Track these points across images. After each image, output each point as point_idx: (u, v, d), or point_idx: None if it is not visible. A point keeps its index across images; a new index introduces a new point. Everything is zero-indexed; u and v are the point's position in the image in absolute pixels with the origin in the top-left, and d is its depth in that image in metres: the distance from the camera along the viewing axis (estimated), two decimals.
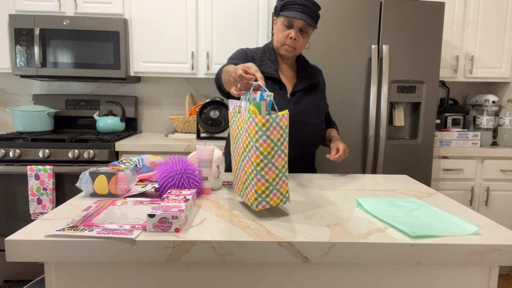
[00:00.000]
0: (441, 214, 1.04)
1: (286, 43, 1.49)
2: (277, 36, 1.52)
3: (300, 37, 1.49)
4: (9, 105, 2.95)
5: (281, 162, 0.99)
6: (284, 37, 1.49)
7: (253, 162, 0.96)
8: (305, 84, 1.57)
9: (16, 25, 2.45)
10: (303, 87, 1.58)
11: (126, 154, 2.38)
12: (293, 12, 1.42)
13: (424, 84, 2.38)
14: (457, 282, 0.91)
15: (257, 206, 0.99)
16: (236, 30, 2.63)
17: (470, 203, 2.57)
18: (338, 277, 0.90)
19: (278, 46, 1.53)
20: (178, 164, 1.17)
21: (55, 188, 2.28)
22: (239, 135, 1.05)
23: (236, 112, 1.09)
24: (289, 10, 1.44)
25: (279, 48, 1.53)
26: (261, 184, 0.97)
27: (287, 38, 1.48)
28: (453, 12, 2.64)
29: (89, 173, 1.17)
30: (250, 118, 0.96)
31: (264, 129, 0.94)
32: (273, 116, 0.95)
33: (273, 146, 0.96)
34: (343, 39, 2.31)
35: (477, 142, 2.59)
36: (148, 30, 2.60)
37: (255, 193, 0.97)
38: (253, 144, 0.96)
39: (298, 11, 1.42)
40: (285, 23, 1.47)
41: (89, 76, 2.54)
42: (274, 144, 0.96)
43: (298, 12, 1.42)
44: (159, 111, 3.04)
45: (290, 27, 1.47)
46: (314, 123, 1.56)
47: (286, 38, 1.48)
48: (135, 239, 0.84)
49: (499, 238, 0.90)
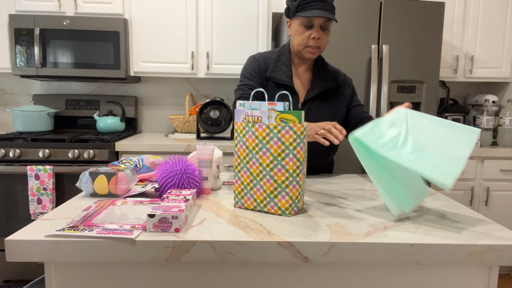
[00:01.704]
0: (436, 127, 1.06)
1: (309, 45, 1.41)
2: (297, 39, 1.43)
3: (323, 35, 1.41)
4: (9, 105, 2.95)
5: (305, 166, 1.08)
6: (306, 39, 1.41)
7: (288, 170, 1.02)
8: (319, 90, 1.50)
9: (16, 25, 2.45)
10: (316, 94, 1.50)
11: (126, 154, 2.38)
12: (312, 11, 1.34)
13: (424, 84, 2.38)
14: (457, 282, 0.91)
15: (290, 213, 1.03)
16: (236, 30, 2.63)
17: (470, 203, 2.57)
18: (338, 277, 0.90)
19: (300, 49, 1.44)
20: (178, 164, 1.17)
21: (55, 188, 2.28)
22: (260, 145, 1.05)
23: (250, 122, 1.08)
24: (306, 10, 1.35)
25: (302, 51, 1.45)
26: (296, 190, 1.03)
27: (309, 39, 1.40)
28: (453, 12, 2.64)
29: (89, 173, 1.17)
30: (286, 127, 1.02)
31: (302, 137, 1.01)
32: (305, 124, 1.02)
33: (304, 152, 1.04)
34: (343, 39, 2.31)
35: (477, 142, 2.59)
36: (148, 30, 2.60)
37: (289, 200, 1.03)
38: (290, 152, 1.01)
39: (317, 8, 1.34)
40: (304, 24, 1.38)
41: (89, 76, 2.54)
42: (304, 151, 1.03)
43: (317, 10, 1.34)
44: (159, 111, 3.04)
45: (310, 27, 1.39)
46: None
47: (309, 39, 1.40)
48: (135, 239, 0.84)
49: (499, 238, 0.90)
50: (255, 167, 1.06)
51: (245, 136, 1.08)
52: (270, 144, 1.04)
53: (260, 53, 1.56)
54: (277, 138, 1.03)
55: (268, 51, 1.58)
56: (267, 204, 1.05)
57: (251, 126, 1.07)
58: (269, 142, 1.04)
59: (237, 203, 1.10)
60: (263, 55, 1.54)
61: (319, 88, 1.51)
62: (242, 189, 1.09)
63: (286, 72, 1.48)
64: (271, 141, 1.04)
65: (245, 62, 1.56)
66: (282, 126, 1.02)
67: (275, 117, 1.06)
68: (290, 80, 1.48)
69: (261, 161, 1.05)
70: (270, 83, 1.51)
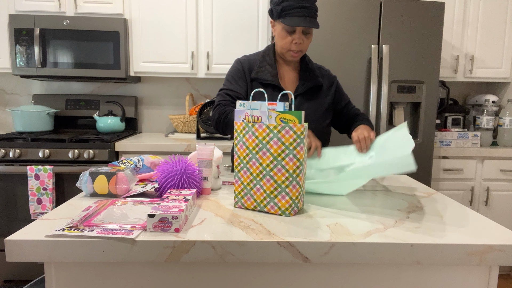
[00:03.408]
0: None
1: (292, 49, 1.45)
2: (280, 42, 1.47)
3: (304, 39, 1.44)
4: (9, 105, 2.95)
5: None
6: (288, 43, 1.44)
7: (288, 170, 1.02)
8: (306, 87, 1.53)
9: (16, 25, 2.45)
10: (304, 90, 1.53)
11: (126, 154, 2.38)
12: (294, 19, 1.36)
13: (424, 84, 2.38)
14: (457, 282, 0.91)
15: (290, 213, 1.03)
16: (236, 30, 2.63)
17: (470, 203, 2.57)
18: (338, 277, 0.90)
19: (283, 52, 1.48)
20: (178, 164, 1.17)
21: (55, 188, 2.28)
22: (260, 145, 1.05)
23: (250, 122, 1.08)
24: (289, 17, 1.37)
25: (285, 54, 1.49)
26: (296, 190, 1.03)
27: (291, 43, 1.44)
28: (453, 12, 2.64)
29: (89, 173, 1.17)
30: (286, 127, 1.02)
31: (302, 137, 1.01)
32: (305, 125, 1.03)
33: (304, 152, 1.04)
34: (343, 39, 2.31)
35: (477, 142, 2.59)
36: (148, 30, 2.60)
37: (289, 200, 1.03)
38: (290, 152, 1.02)
39: (299, 15, 1.36)
40: (287, 29, 1.41)
41: (89, 76, 2.54)
42: (304, 152, 1.04)
43: (299, 17, 1.36)
44: (159, 111, 3.04)
45: (292, 32, 1.42)
46: (316, 128, 1.50)
47: (291, 44, 1.44)
48: (135, 239, 0.84)
49: (499, 238, 0.90)
50: (255, 167, 1.06)
51: (245, 136, 1.08)
52: (270, 144, 1.04)
53: (246, 56, 1.60)
54: (277, 138, 1.03)
55: (253, 53, 1.61)
56: (267, 204, 1.05)
57: (251, 126, 1.07)
58: (269, 142, 1.04)
59: (237, 203, 1.10)
60: (248, 57, 1.58)
61: (307, 85, 1.53)
62: (242, 189, 1.09)
63: (271, 72, 1.51)
64: (271, 141, 1.04)
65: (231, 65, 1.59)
66: (282, 126, 1.03)
67: (275, 117, 1.06)
68: (275, 79, 1.50)
69: (261, 161, 1.05)
70: (256, 84, 1.54)
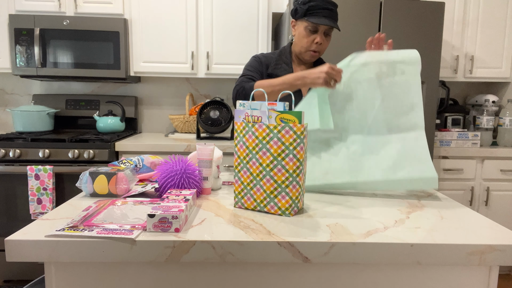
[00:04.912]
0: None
1: (311, 49, 1.49)
2: (301, 42, 1.50)
3: (325, 40, 1.49)
4: (9, 105, 2.95)
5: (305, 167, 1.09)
6: (309, 43, 1.48)
7: (288, 170, 1.02)
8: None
9: (16, 25, 2.45)
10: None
11: (126, 154, 2.38)
12: (319, 18, 1.41)
13: (424, 84, 2.38)
14: (457, 282, 0.91)
15: (290, 213, 1.04)
16: (236, 30, 2.63)
17: (470, 203, 2.57)
18: (338, 277, 0.90)
19: (302, 51, 1.52)
20: (178, 164, 1.17)
21: (55, 188, 2.28)
22: (260, 145, 1.05)
23: (250, 122, 1.08)
24: (314, 16, 1.42)
25: (303, 54, 1.52)
26: (296, 190, 1.03)
27: (312, 43, 1.48)
28: (453, 12, 2.64)
29: (89, 173, 1.17)
30: (286, 127, 1.02)
31: (302, 137, 1.01)
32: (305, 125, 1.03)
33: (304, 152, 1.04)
34: (343, 39, 2.31)
35: (477, 142, 2.59)
36: (148, 30, 2.60)
37: (289, 200, 1.03)
38: (290, 152, 1.02)
39: (324, 16, 1.42)
40: (310, 28, 1.45)
41: (89, 76, 2.54)
42: (304, 152, 1.04)
43: (324, 18, 1.42)
44: (159, 111, 3.04)
45: (314, 32, 1.46)
46: None
47: (312, 44, 1.48)
48: (135, 239, 0.84)
49: (499, 238, 0.90)
50: (255, 167, 1.06)
51: (245, 136, 1.08)
52: (270, 144, 1.04)
53: (262, 53, 1.64)
54: (277, 138, 1.03)
55: (270, 52, 1.67)
56: (267, 204, 1.05)
57: (251, 126, 1.07)
58: (269, 142, 1.04)
59: (237, 203, 1.10)
60: (265, 55, 1.62)
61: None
62: (242, 189, 1.09)
63: (287, 70, 1.54)
64: (271, 141, 1.04)
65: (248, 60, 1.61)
66: (282, 126, 1.03)
67: (275, 117, 1.06)
68: None
69: (261, 161, 1.05)
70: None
